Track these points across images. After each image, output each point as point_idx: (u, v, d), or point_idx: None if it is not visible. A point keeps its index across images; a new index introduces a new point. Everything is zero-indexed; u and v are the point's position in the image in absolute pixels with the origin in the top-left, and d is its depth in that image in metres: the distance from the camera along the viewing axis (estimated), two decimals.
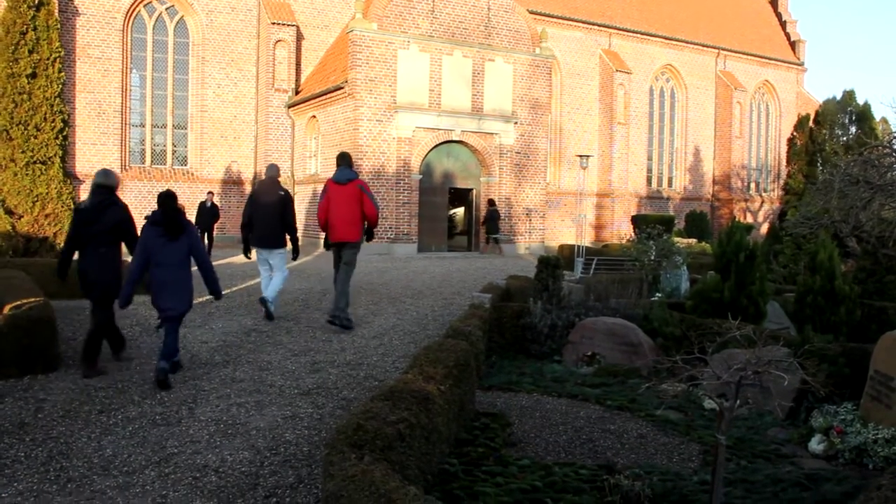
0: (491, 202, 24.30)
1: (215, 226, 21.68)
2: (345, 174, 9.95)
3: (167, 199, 7.47)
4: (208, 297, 8.23)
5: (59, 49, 16.92)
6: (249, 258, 11.04)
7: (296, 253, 10.86)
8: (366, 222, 10.04)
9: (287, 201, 10.65)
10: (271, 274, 10.77)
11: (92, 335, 7.63)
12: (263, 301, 10.55)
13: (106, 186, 7.96)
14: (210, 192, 22.11)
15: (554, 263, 10.03)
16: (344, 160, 10.17)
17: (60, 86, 16.75)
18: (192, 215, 24.30)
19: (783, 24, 41.71)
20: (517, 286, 11.79)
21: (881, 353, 6.12)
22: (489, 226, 24.12)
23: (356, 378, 7.61)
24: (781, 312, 10.62)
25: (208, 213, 21.15)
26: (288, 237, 10.72)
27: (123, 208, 7.96)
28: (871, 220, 8.34)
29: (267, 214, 10.40)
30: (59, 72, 16.78)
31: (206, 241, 20.94)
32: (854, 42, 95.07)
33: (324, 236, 10.34)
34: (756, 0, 42.54)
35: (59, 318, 8.58)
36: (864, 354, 6.72)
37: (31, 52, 16.30)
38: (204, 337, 9.51)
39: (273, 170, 11.01)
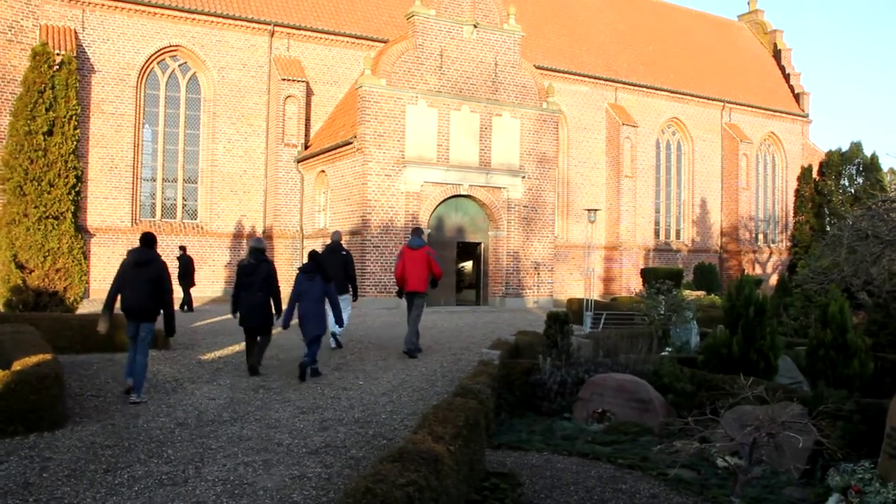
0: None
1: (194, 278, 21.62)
2: (417, 242, 13.06)
3: (313, 254, 11.23)
4: (216, 353, 8.63)
5: (76, 107, 17.18)
6: None
7: (355, 297, 14.21)
8: (431, 277, 13.00)
9: (349, 259, 13.69)
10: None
11: (256, 353, 10.86)
12: (334, 335, 13.20)
13: (260, 250, 11.20)
14: (182, 247, 22.07)
15: (563, 319, 9.99)
16: (416, 233, 13.43)
17: (75, 142, 16.96)
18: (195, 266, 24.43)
19: (787, 77, 42.13)
20: (526, 342, 11.73)
21: None
22: None
23: (365, 436, 7.54)
24: (793, 366, 10.51)
25: (184, 266, 21.16)
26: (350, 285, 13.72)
27: (271, 264, 11.20)
28: (881, 275, 8.30)
29: (335, 268, 12.71)
30: (75, 129, 17.01)
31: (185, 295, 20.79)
32: (861, 93, 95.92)
33: (397, 288, 13.38)
34: (760, 54, 43.08)
35: (66, 373, 8.58)
36: (881, 410, 6.62)
37: (48, 109, 16.54)
38: (212, 393, 9.46)
39: (336, 235, 14.12)
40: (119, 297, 9.19)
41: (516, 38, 25.23)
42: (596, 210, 23.79)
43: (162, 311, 9.29)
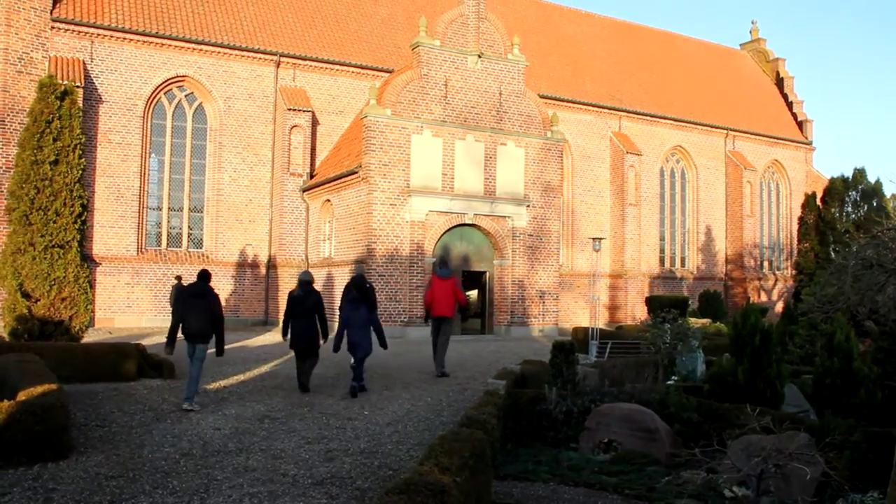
0: None
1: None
2: (445, 272, 14.57)
3: (360, 280, 12.72)
4: (221, 382, 8.69)
5: (80, 136, 17.30)
6: None
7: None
8: (458, 304, 14.62)
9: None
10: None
11: (306, 372, 12.07)
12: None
13: (308, 282, 12.37)
14: (178, 276, 22.44)
15: (568, 349, 9.98)
16: (444, 264, 15.51)
17: (80, 171, 17.06)
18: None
19: (790, 105, 42.31)
20: (532, 371, 11.70)
21: None
22: None
23: (370, 467, 7.50)
24: (800, 395, 10.46)
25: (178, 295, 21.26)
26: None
27: (318, 295, 12.39)
28: (887, 304, 8.27)
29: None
30: (80, 158, 17.12)
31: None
32: (864, 120, 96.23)
33: (425, 314, 14.67)
34: (762, 82, 43.31)
35: (71, 402, 8.57)
36: (889, 440, 6.59)
37: (55, 140, 16.68)
38: (217, 423, 9.44)
39: (360, 268, 15.26)
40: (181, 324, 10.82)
41: (520, 67, 25.43)
42: (601, 238, 23.81)
43: (214, 335, 10.84)
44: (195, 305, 10.75)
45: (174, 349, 11.06)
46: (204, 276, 11.18)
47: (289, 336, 12.24)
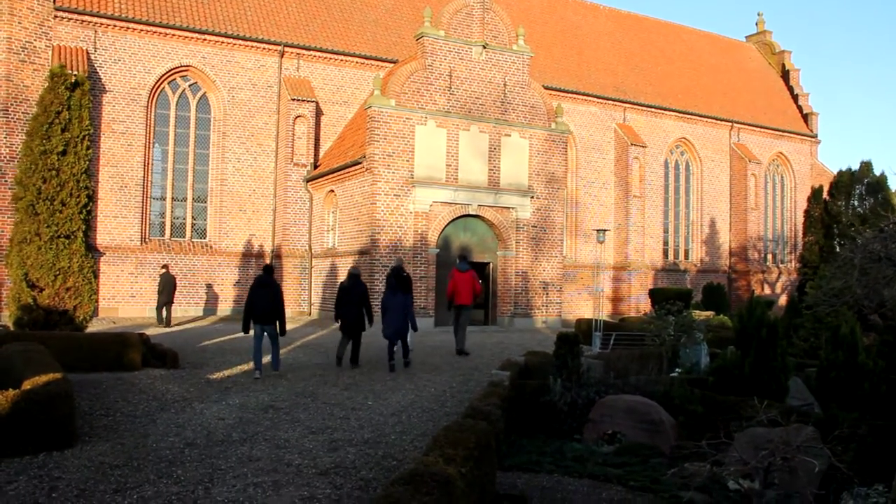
0: None
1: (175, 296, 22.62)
2: (464, 266, 16.47)
3: (399, 271, 14.30)
4: (225, 372, 8.72)
5: (89, 127, 17.31)
6: None
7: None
8: (475, 295, 16.58)
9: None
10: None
11: (354, 351, 14.00)
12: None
13: (356, 275, 14.33)
14: (165, 265, 23.06)
15: (573, 340, 9.96)
16: (463, 259, 17.05)
17: (87, 162, 17.07)
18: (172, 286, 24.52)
19: (795, 98, 42.15)
20: (536, 362, 11.70)
21: None
22: None
23: (374, 457, 7.51)
24: (804, 388, 10.45)
25: (170, 284, 22.17)
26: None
27: (365, 286, 14.41)
28: (894, 298, 8.25)
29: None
30: (87, 149, 17.13)
31: (163, 313, 21.40)
32: (871, 112, 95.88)
33: (448, 303, 16.81)
34: (768, 74, 43.15)
35: (76, 391, 8.57)
36: (894, 433, 6.58)
37: (63, 130, 16.68)
38: (221, 413, 9.45)
39: (399, 259, 17.52)
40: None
41: (525, 58, 25.35)
42: (605, 230, 23.76)
43: (278, 319, 12.83)
44: (261, 294, 12.77)
45: (249, 329, 12.83)
46: (268, 269, 13.39)
47: (340, 322, 14.19)
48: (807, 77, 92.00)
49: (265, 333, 12.83)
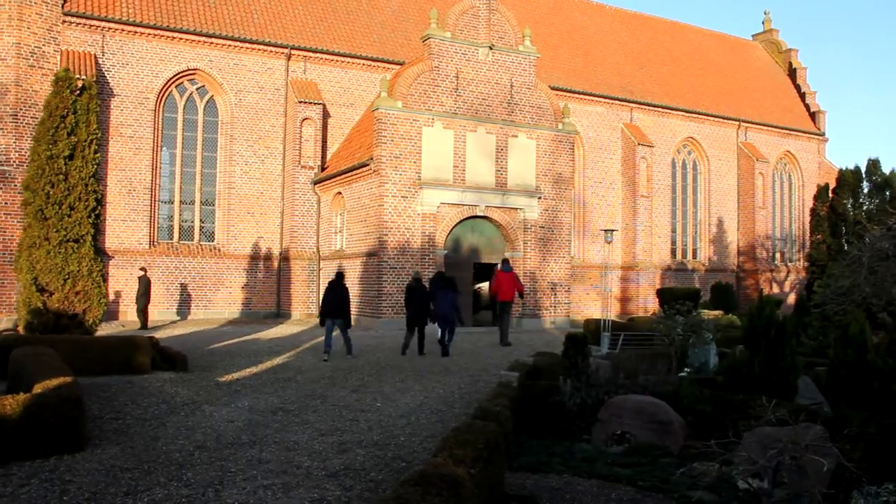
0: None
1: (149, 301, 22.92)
2: (507, 268, 19.45)
3: (442, 275, 17.59)
4: (234, 374, 8.63)
5: (97, 131, 17.38)
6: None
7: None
8: (517, 292, 19.51)
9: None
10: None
11: (420, 341, 16.49)
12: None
13: (418, 279, 17.10)
14: (143, 268, 23.32)
15: (581, 340, 9.97)
16: (506, 262, 20.18)
17: (95, 166, 17.14)
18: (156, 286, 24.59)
19: (802, 96, 42.02)
20: (544, 363, 11.69)
21: None
22: None
23: (384, 459, 7.52)
24: (813, 387, 10.43)
25: (149, 286, 22.65)
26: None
27: (426, 288, 17.23)
28: None
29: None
30: (95, 153, 17.20)
31: (141, 318, 21.68)
32: (878, 110, 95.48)
33: (491, 300, 19.79)
34: (775, 73, 43.04)
35: (86, 395, 8.62)
36: None
37: (70, 134, 16.74)
38: (230, 416, 9.48)
39: (441, 265, 21.44)
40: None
41: (532, 59, 25.34)
42: (613, 231, 23.71)
43: (345, 315, 15.78)
44: (334, 295, 15.74)
45: (333, 325, 15.52)
46: (339, 276, 16.36)
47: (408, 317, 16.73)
48: (814, 75, 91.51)
49: (335, 326, 15.52)
